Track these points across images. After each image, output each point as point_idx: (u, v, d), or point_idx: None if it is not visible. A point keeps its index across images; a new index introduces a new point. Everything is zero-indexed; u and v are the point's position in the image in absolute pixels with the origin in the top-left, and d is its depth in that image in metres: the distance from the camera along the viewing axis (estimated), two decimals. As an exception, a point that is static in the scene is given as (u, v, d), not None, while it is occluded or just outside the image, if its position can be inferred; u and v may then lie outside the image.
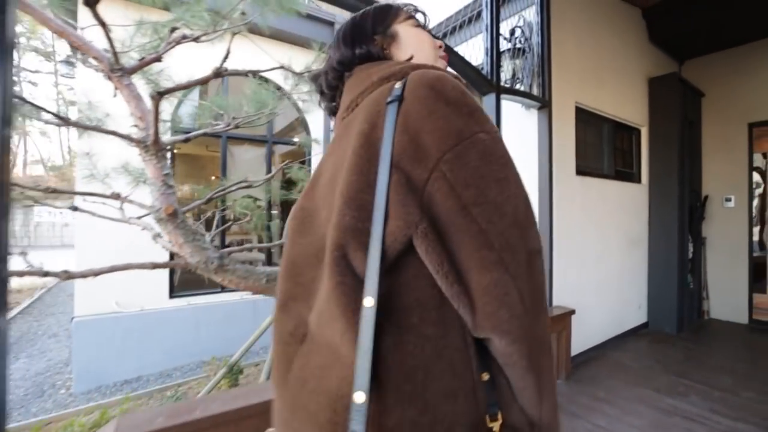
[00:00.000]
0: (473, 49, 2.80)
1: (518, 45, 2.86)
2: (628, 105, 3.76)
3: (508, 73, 2.84)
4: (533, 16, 2.88)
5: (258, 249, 4.74)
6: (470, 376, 0.46)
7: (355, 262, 0.46)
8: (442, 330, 0.45)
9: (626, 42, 3.73)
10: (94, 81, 2.28)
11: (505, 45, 2.87)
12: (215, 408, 1.21)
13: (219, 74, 1.89)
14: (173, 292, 4.47)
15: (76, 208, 2.45)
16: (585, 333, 3.14)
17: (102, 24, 1.48)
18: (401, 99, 0.49)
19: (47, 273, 1.65)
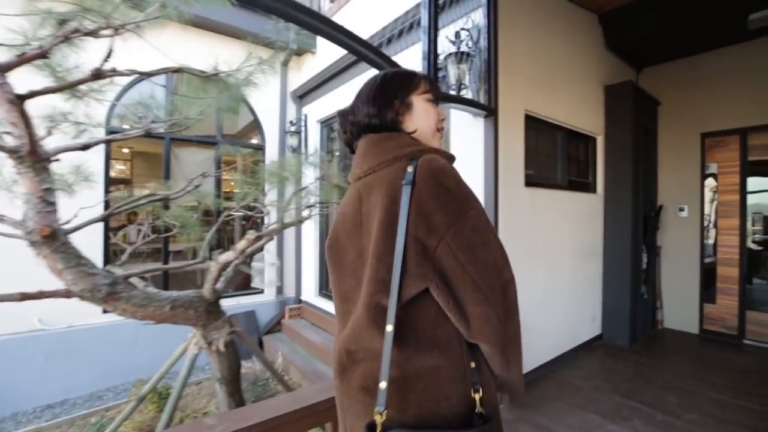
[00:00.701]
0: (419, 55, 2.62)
1: (464, 49, 2.70)
2: (584, 113, 3.67)
3: (453, 79, 2.68)
4: (480, 19, 2.72)
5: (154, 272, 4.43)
6: (462, 367, 0.71)
7: (383, 303, 0.69)
8: (445, 339, 0.71)
9: (582, 48, 3.63)
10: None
11: (451, 48, 2.70)
12: None
13: (99, 75, 1.63)
14: (107, 306, 4.12)
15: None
16: (534, 350, 3.02)
17: None
18: (413, 183, 0.69)
19: None
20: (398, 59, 2.42)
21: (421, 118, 0.83)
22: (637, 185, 3.85)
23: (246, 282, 5.27)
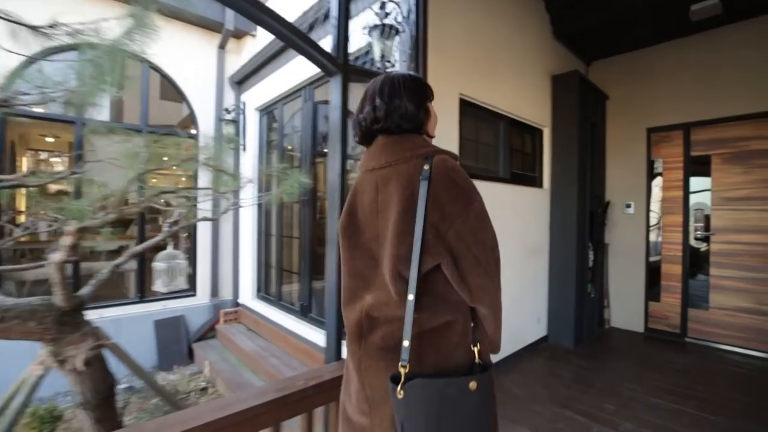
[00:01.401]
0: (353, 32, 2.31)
1: (390, 22, 2.41)
2: (530, 103, 3.48)
3: (378, 55, 2.38)
4: (410, -9, 2.44)
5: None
6: (468, 324, 0.88)
7: (404, 273, 0.84)
8: (453, 306, 0.86)
9: (527, 35, 3.44)
10: None
11: (377, 21, 2.40)
12: None
13: None
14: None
15: None
16: (471, 356, 2.78)
17: None
18: (430, 178, 0.83)
19: None
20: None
21: (432, 122, 0.98)
22: (584, 180, 3.72)
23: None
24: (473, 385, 0.79)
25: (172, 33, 4.53)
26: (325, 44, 1.88)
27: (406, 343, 0.80)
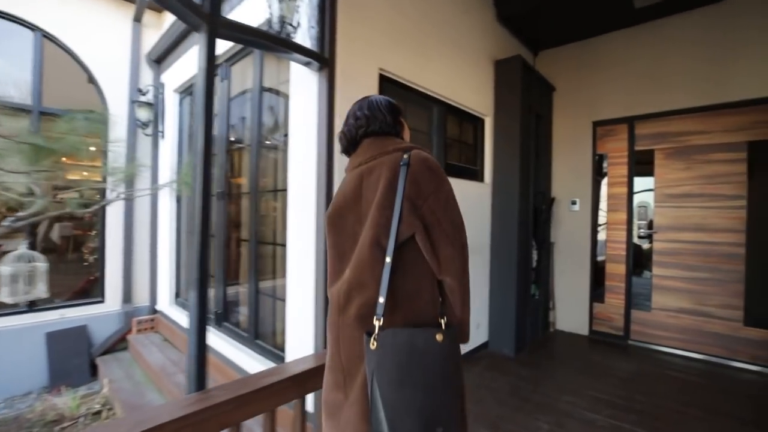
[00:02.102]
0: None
1: (290, -23, 2.01)
2: (470, 89, 3.19)
3: (275, 15, 1.98)
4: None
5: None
6: (435, 295, 0.95)
7: (382, 241, 0.92)
8: (423, 274, 0.94)
9: (466, 14, 3.14)
10: None
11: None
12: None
13: None
14: None
15: None
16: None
17: None
18: (409, 164, 0.94)
19: None
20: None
21: (406, 133, 1.15)
22: (527, 174, 3.48)
23: (85, 289, 4.17)
24: (440, 337, 0.85)
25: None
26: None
27: (382, 300, 0.89)
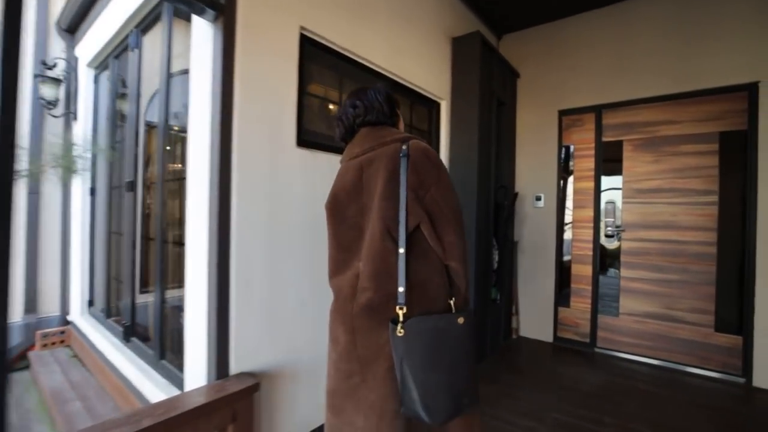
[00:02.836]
0: None
1: None
2: (423, 68, 2.80)
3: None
4: None
5: None
6: (445, 279, 1.01)
7: (392, 233, 0.98)
8: (433, 261, 0.99)
9: (419, -19, 2.75)
10: None
11: None
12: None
13: None
14: None
15: None
16: (310, 405, 2.02)
17: None
18: (408, 155, 1.00)
19: None
20: None
21: (401, 124, 1.21)
22: (487, 166, 3.14)
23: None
24: (461, 320, 0.97)
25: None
26: None
27: (401, 289, 0.95)
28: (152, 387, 2.19)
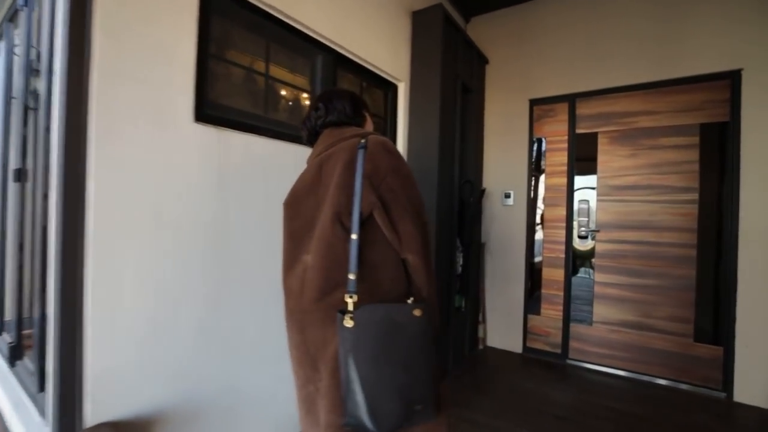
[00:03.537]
0: None
1: None
2: (376, 42, 2.43)
3: None
4: None
5: None
6: (401, 276, 0.94)
7: (343, 220, 0.91)
8: (387, 251, 0.92)
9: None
10: None
11: None
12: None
13: None
14: None
15: None
16: (279, 419, 1.61)
17: None
18: (366, 147, 0.95)
19: None
20: None
21: (369, 125, 1.17)
22: (450, 158, 2.80)
23: None
24: (418, 312, 0.86)
25: None
26: None
27: (352, 276, 0.86)
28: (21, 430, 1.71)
